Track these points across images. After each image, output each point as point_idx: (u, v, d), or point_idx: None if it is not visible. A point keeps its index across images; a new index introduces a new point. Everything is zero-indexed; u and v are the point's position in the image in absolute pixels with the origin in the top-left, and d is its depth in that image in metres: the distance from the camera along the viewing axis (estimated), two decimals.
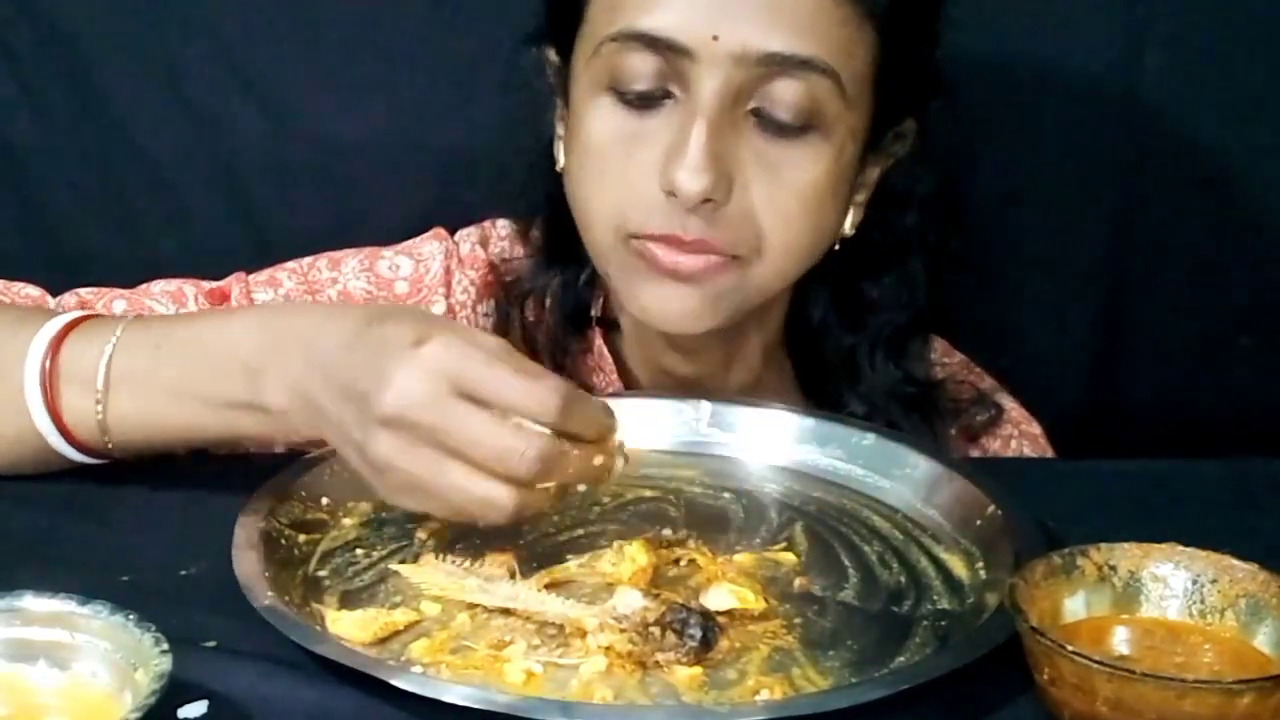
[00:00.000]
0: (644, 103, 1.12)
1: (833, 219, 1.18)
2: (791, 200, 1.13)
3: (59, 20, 1.42)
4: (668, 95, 1.11)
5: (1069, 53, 1.45)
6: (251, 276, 1.27)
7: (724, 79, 1.09)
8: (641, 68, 1.11)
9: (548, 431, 0.92)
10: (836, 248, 1.21)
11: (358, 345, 0.96)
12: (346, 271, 1.28)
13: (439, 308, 1.27)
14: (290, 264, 1.28)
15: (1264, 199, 1.49)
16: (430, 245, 1.30)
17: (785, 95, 1.10)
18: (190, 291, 1.25)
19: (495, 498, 0.92)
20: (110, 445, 1.06)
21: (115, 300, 1.23)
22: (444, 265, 1.29)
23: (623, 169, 1.13)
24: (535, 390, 0.92)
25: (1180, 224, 1.49)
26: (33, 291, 1.24)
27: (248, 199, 1.46)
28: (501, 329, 1.27)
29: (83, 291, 1.24)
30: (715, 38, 1.08)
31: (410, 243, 1.31)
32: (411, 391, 0.92)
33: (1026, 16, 1.44)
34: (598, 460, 0.96)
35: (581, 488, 0.98)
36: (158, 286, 1.25)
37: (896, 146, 1.22)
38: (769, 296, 1.20)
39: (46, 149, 1.45)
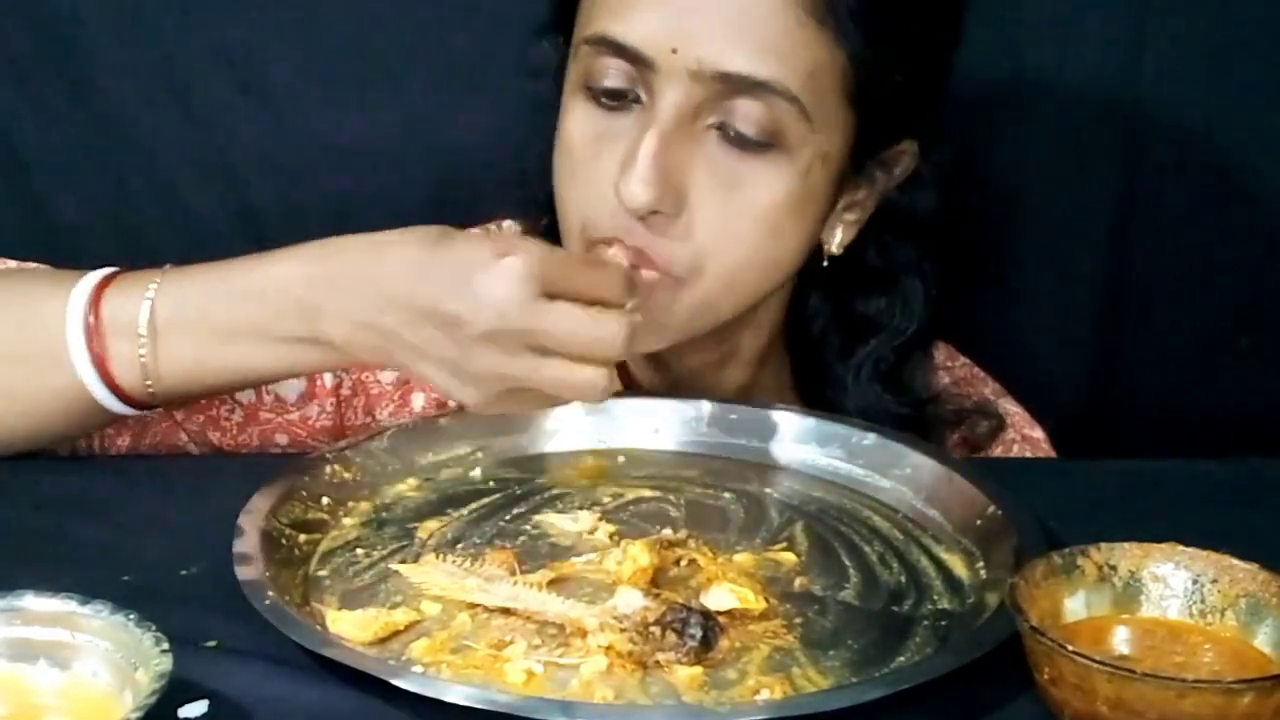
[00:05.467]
0: (614, 103, 1.12)
1: (792, 241, 1.15)
2: (745, 218, 1.12)
3: (59, 20, 1.42)
4: (637, 100, 1.11)
5: (1069, 53, 1.45)
6: None
7: (682, 93, 1.08)
8: (612, 72, 1.11)
9: (623, 313, 0.99)
10: (825, 264, 1.20)
11: (431, 268, 1.00)
12: None
13: None
14: None
15: (1264, 199, 1.49)
16: None
17: (746, 113, 1.09)
18: None
19: (594, 381, 0.99)
20: (155, 392, 1.07)
21: None
22: None
23: (588, 169, 1.13)
24: (607, 277, 1.01)
25: (1180, 224, 1.49)
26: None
27: (248, 199, 1.46)
28: None
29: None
30: (674, 51, 1.08)
31: None
32: (507, 303, 0.97)
33: (1026, 18, 1.44)
34: (638, 316, 1.02)
35: None
36: None
37: (894, 168, 1.20)
38: (723, 315, 1.17)
39: (46, 149, 1.45)
